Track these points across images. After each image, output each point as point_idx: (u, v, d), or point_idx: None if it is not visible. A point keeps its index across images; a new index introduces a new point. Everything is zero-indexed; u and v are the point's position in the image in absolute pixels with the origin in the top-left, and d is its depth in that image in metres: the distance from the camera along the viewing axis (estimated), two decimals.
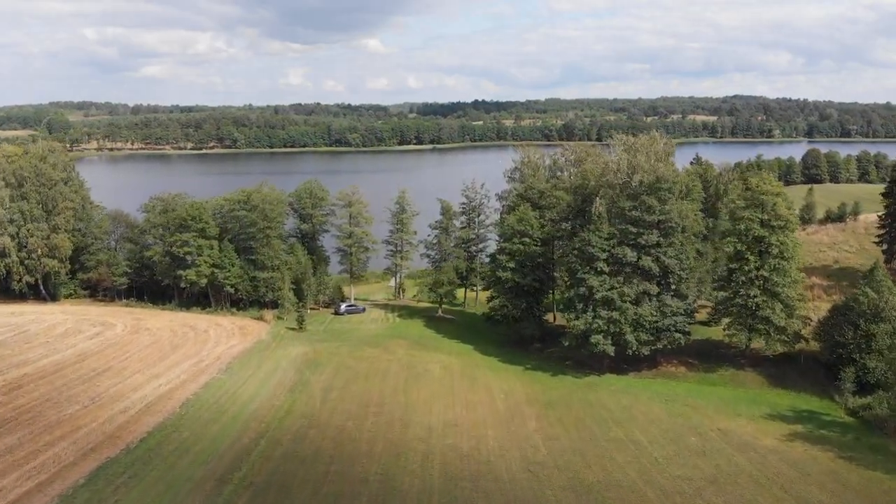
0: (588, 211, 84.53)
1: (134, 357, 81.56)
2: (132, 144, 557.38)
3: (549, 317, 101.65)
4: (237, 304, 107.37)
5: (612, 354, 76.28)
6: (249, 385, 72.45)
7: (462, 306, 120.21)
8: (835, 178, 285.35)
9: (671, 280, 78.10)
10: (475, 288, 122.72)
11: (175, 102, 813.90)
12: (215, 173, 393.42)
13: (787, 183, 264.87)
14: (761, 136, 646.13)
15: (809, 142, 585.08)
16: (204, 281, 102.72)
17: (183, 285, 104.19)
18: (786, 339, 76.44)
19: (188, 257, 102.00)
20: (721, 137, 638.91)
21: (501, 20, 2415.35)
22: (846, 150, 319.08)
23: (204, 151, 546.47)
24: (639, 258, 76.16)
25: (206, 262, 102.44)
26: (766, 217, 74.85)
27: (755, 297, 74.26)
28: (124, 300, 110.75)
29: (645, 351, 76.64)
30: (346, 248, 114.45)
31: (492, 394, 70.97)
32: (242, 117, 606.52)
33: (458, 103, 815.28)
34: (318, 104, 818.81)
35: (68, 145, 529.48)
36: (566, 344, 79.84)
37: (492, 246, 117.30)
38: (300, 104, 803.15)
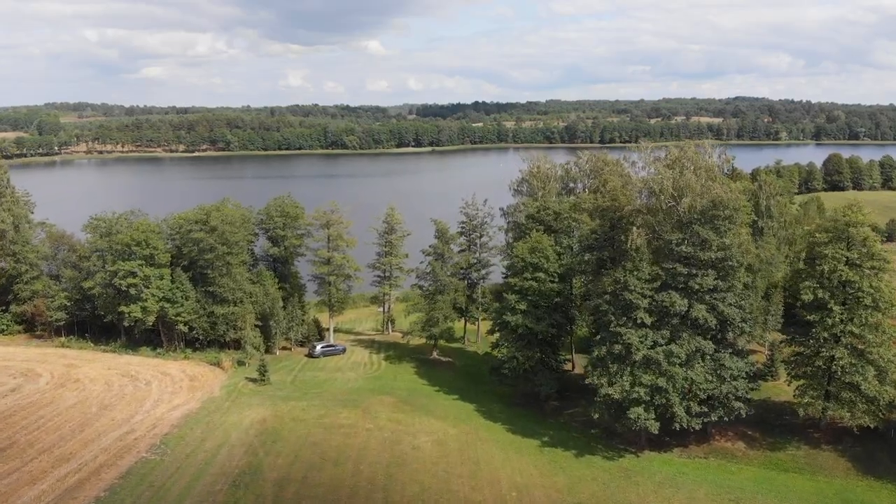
0: (619, 240, 67.32)
1: (49, 425, 64.90)
2: (123, 147, 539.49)
3: (565, 358, 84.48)
4: (193, 343, 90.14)
5: (656, 432, 59.08)
6: (183, 474, 55.51)
7: (461, 342, 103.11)
8: (858, 185, 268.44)
9: (730, 334, 60.81)
10: (476, 320, 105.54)
11: (175, 104, 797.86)
12: (206, 177, 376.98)
13: (809, 190, 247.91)
14: (768, 138, 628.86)
15: (817, 144, 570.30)
16: (151, 318, 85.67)
17: (127, 323, 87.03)
18: (876, 409, 59.25)
19: (133, 290, 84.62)
20: (727, 140, 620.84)
21: (502, 22, 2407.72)
22: (854, 153, 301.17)
23: (196, 154, 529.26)
24: (690, 306, 58.88)
25: (154, 295, 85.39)
26: (854, 256, 57.67)
27: (840, 358, 57.14)
28: (63, 338, 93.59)
29: (696, 425, 59.55)
30: (323, 276, 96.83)
31: (500, 490, 53.80)
32: (236, 119, 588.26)
33: (458, 105, 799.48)
34: (316, 105, 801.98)
35: (57, 147, 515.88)
36: (595, 416, 62.55)
37: (495, 272, 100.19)
38: (298, 106, 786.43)
